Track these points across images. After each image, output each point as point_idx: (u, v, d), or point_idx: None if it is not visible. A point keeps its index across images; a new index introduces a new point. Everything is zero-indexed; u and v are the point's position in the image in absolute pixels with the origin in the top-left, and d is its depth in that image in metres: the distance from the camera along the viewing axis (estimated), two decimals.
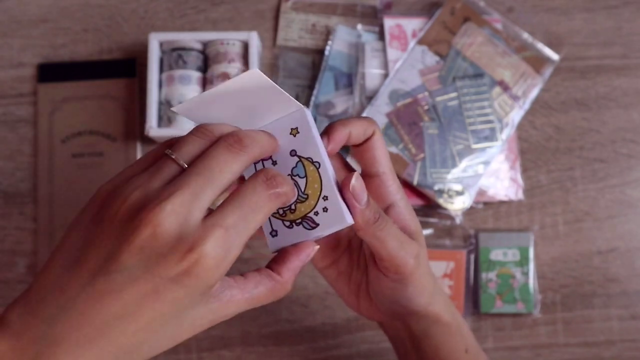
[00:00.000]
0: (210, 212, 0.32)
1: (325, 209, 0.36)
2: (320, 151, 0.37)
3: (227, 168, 0.32)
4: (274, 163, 0.38)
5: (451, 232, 0.65)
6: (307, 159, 0.37)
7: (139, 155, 0.67)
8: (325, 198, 0.36)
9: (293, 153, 0.37)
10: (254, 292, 0.34)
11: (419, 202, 0.64)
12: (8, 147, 0.68)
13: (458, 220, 0.65)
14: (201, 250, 0.30)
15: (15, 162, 0.68)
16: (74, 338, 0.30)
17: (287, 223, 0.37)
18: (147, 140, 0.67)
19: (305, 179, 0.37)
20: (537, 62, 0.67)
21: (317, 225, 0.37)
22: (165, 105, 0.65)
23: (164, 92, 0.65)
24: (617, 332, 0.64)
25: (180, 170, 0.32)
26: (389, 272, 0.40)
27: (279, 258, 0.36)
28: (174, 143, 0.34)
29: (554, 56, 0.68)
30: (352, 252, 0.44)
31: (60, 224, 0.65)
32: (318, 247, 0.37)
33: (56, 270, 0.31)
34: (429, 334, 0.44)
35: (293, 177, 0.37)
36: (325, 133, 0.38)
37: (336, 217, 0.36)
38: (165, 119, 0.64)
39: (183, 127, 0.64)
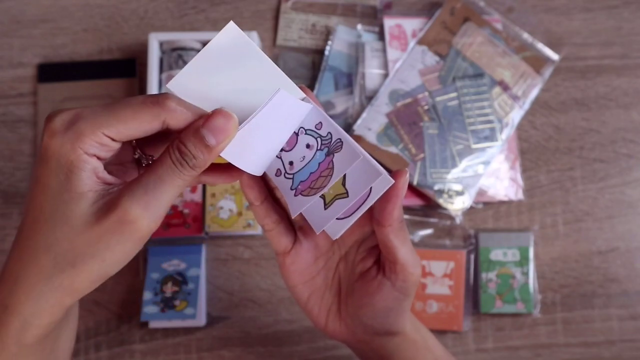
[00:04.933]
0: None
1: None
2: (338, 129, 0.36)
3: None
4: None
5: (451, 232, 0.65)
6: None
7: None
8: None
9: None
10: (154, 175, 0.33)
11: (419, 202, 0.64)
12: (8, 147, 0.68)
13: (458, 220, 0.65)
14: (51, 119, 0.34)
15: (15, 162, 0.68)
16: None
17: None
18: None
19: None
20: (537, 62, 0.67)
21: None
22: None
23: (164, 92, 0.65)
24: (617, 332, 0.64)
25: None
26: (397, 277, 0.41)
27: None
28: None
29: (554, 56, 0.68)
30: (328, 271, 0.44)
31: None
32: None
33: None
34: (397, 350, 0.44)
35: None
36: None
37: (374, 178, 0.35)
38: None
39: None
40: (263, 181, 0.40)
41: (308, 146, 0.37)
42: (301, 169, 0.37)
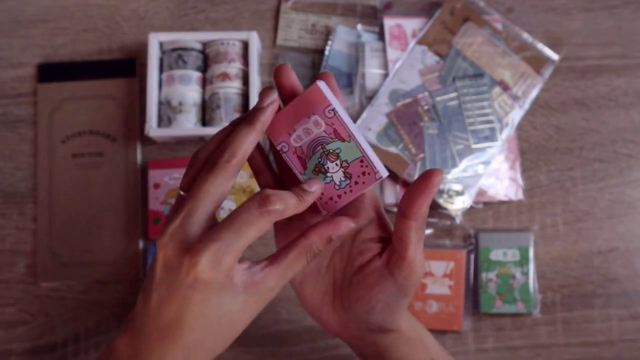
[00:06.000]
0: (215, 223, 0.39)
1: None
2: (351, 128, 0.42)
3: (209, 186, 0.39)
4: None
5: (451, 232, 0.65)
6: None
7: (139, 155, 0.67)
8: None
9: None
10: (286, 259, 0.40)
11: None
12: (8, 147, 0.68)
13: (458, 220, 0.65)
14: (197, 261, 0.37)
15: (15, 162, 0.68)
16: (153, 339, 0.39)
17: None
18: (147, 140, 0.67)
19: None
20: (537, 62, 0.67)
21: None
22: (165, 105, 0.65)
23: (164, 92, 0.65)
24: (617, 332, 0.64)
25: (181, 198, 0.40)
26: (401, 273, 0.41)
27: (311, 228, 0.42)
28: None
29: (554, 56, 0.68)
30: (321, 259, 0.44)
31: (60, 224, 0.65)
32: (353, 224, 0.42)
33: (139, 303, 0.41)
34: (392, 346, 0.44)
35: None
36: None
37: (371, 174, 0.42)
38: (165, 119, 0.64)
39: (183, 126, 0.64)
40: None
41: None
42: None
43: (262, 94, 0.40)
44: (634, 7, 0.71)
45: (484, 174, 0.64)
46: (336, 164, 0.42)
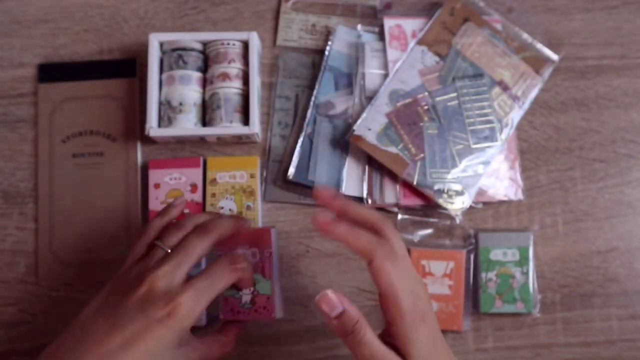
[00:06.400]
0: (189, 278, 0.48)
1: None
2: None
3: (198, 248, 0.50)
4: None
5: (451, 232, 0.65)
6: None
7: (139, 155, 0.67)
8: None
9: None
10: (211, 345, 0.51)
11: (418, 202, 0.64)
12: (8, 147, 0.68)
13: (458, 220, 0.65)
14: (178, 301, 0.46)
15: (16, 162, 0.68)
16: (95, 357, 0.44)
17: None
18: (147, 140, 0.67)
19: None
20: (537, 62, 0.67)
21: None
22: (165, 105, 0.65)
23: (164, 92, 0.65)
24: (616, 332, 0.64)
25: (167, 253, 0.50)
26: (387, 312, 0.45)
27: (226, 325, 0.56)
28: (161, 234, 0.52)
29: (554, 56, 0.68)
30: None
31: (60, 224, 0.65)
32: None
33: (84, 316, 0.48)
34: None
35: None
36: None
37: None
38: (166, 119, 0.65)
39: (183, 126, 0.64)
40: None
41: None
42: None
43: (238, 219, 0.55)
44: (633, 8, 0.71)
45: (484, 174, 0.64)
46: (249, 290, 0.56)
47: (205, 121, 0.65)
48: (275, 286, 0.56)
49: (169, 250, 0.50)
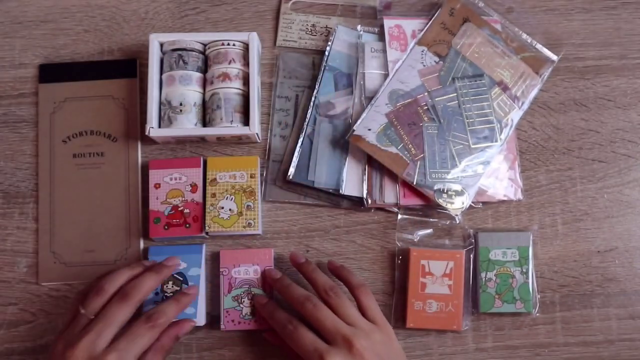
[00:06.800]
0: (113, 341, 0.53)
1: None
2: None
3: (119, 315, 0.54)
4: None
5: (451, 232, 0.66)
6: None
7: (139, 155, 0.67)
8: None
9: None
10: None
11: (418, 202, 0.65)
12: (9, 147, 0.68)
13: (457, 220, 0.65)
14: None
15: (16, 162, 0.68)
16: None
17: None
18: (147, 140, 0.67)
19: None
20: (536, 62, 0.68)
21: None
22: (165, 105, 0.65)
23: (165, 92, 0.65)
24: (615, 332, 0.64)
25: (90, 320, 0.54)
26: None
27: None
28: (84, 300, 0.55)
29: (553, 57, 0.68)
30: None
31: (60, 224, 0.65)
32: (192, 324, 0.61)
33: None
34: None
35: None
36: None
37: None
38: (166, 119, 0.65)
39: (183, 126, 0.64)
40: None
41: None
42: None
43: (169, 259, 0.61)
44: (632, 8, 0.71)
45: (484, 174, 0.65)
46: (251, 303, 0.62)
47: (205, 121, 0.65)
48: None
49: (92, 317, 0.54)
